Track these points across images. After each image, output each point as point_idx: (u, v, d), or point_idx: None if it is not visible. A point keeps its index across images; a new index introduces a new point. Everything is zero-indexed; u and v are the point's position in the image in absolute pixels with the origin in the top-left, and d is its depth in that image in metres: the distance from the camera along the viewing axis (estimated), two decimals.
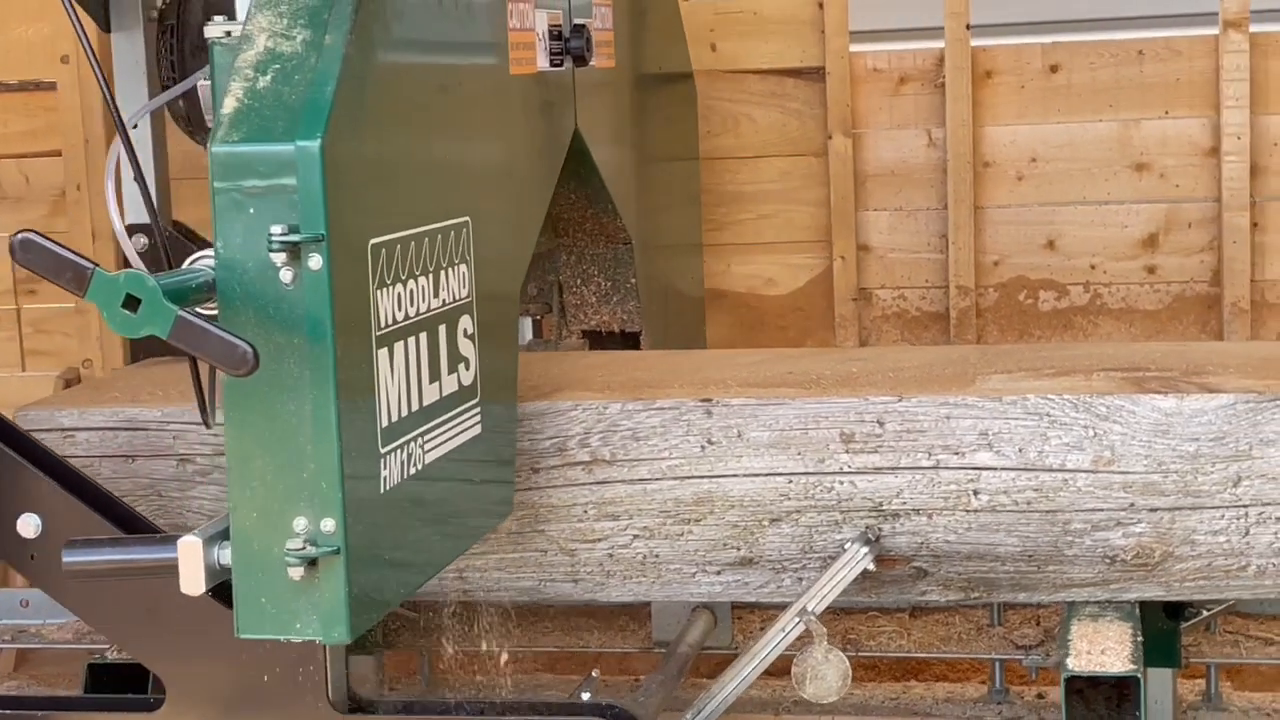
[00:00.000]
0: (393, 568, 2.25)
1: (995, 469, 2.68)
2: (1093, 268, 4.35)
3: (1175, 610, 3.07)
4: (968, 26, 4.26)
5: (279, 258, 2.01)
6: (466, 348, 2.41)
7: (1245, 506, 2.62)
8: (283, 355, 2.04)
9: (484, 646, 3.44)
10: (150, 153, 3.64)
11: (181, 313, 1.93)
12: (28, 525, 2.52)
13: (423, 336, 2.27)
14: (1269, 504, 2.61)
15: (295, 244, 2.01)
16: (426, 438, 2.30)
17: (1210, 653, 3.23)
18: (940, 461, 2.69)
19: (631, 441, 2.76)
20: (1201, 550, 2.65)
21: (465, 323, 2.40)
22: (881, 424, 2.71)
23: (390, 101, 2.23)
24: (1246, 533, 2.63)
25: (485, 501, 2.58)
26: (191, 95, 3.41)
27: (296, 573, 2.07)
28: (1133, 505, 2.65)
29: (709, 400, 2.76)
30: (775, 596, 2.82)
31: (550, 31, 2.85)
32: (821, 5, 4.34)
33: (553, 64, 2.86)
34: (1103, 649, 2.60)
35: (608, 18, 3.26)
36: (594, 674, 2.77)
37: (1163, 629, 3.06)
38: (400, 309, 2.21)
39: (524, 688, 3.55)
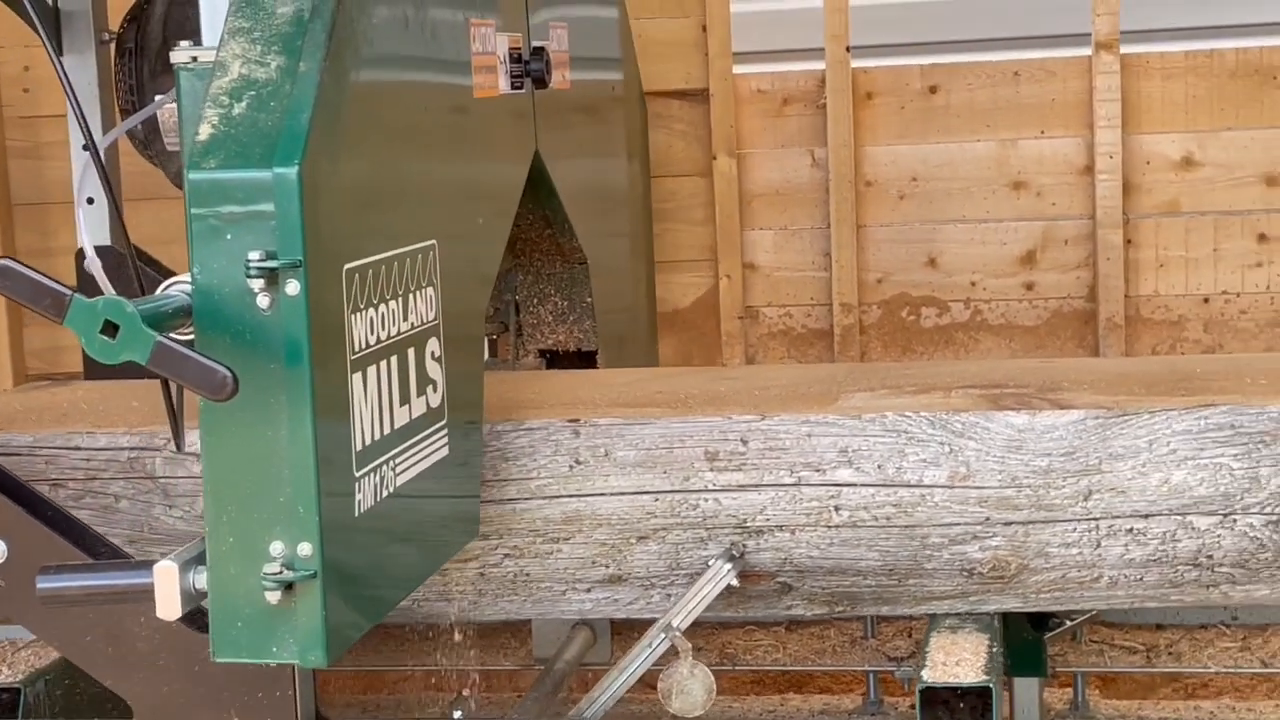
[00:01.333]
0: (367, 590, 2.26)
1: (855, 485, 2.74)
2: (973, 284, 4.43)
3: (1040, 621, 3.13)
4: (848, 49, 4.33)
5: (256, 283, 2.02)
6: (434, 370, 2.43)
7: (1096, 519, 2.69)
8: (259, 380, 2.05)
9: (372, 666, 3.47)
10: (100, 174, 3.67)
11: (160, 338, 1.93)
12: None
13: (393, 360, 2.29)
14: (1118, 517, 2.68)
15: (273, 270, 2.02)
16: (398, 460, 2.31)
17: (1076, 662, 3.30)
18: (802, 479, 2.75)
19: (501, 462, 2.80)
20: (1055, 562, 2.72)
21: (433, 345, 2.42)
22: (745, 442, 2.76)
23: (363, 126, 2.25)
24: (1098, 545, 2.70)
25: (455, 521, 2.61)
26: (150, 119, 3.43)
27: (273, 597, 2.08)
28: (988, 519, 2.71)
29: (576, 420, 2.80)
30: (645, 613, 2.86)
31: (510, 54, 2.88)
32: (705, 28, 4.41)
33: (513, 86, 2.89)
34: (958, 660, 2.65)
35: (564, 40, 3.30)
36: (464, 693, 2.80)
37: (1028, 639, 3.13)
38: (372, 333, 2.22)
39: (407, 706, 3.59)
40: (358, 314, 2.18)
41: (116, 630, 2.50)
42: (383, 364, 2.25)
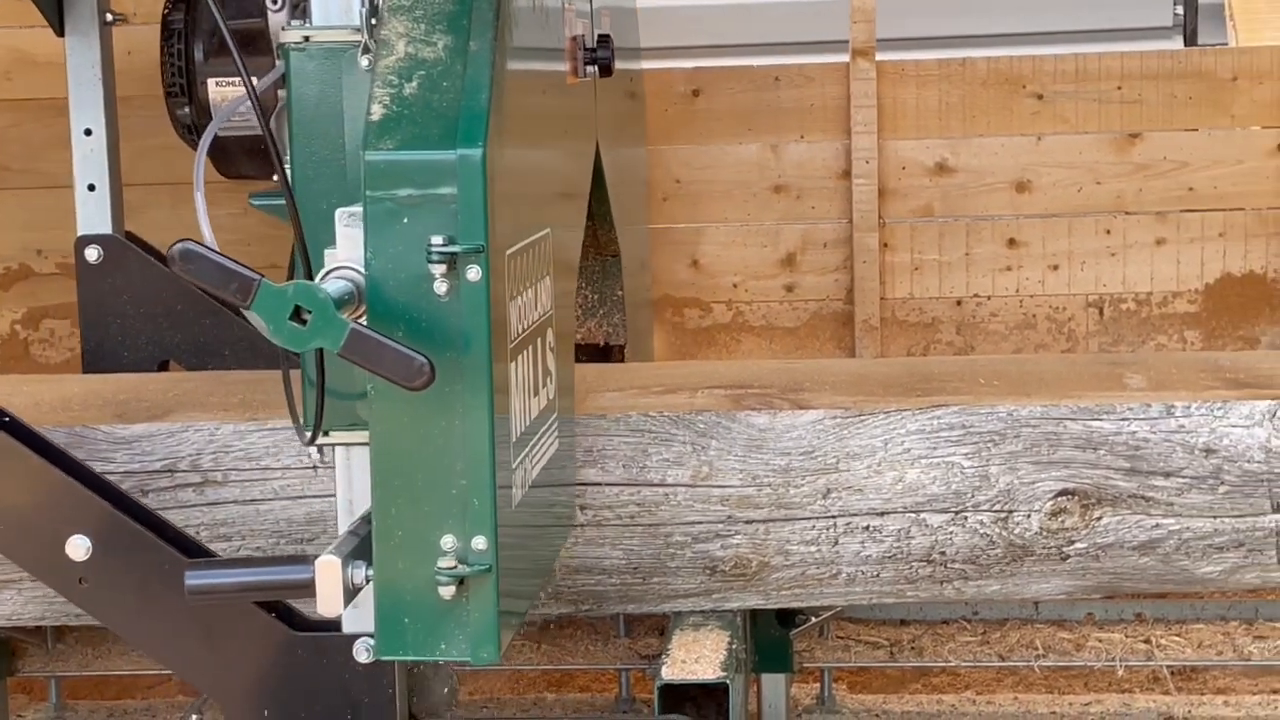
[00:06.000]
0: (521, 583, 2.21)
1: (600, 485, 2.76)
2: (735, 286, 4.49)
3: (787, 618, 3.19)
4: None
5: (437, 269, 1.95)
6: (550, 361, 2.37)
7: (834, 517, 2.74)
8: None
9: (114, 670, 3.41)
10: (105, 161, 3.57)
11: (354, 325, 1.86)
12: (77, 548, 2.38)
13: (529, 350, 2.22)
14: (855, 515, 2.74)
15: (453, 255, 1.95)
16: (534, 452, 2.26)
17: (823, 657, 3.37)
18: None
19: (244, 462, 2.77)
20: (795, 560, 2.77)
21: (550, 336, 2.36)
22: None
23: (518, 109, 2.19)
24: (836, 542, 2.75)
25: (566, 510, 2.59)
26: (200, 103, 3.32)
27: (447, 592, 2.01)
28: (730, 518, 2.75)
29: None
30: None
31: (581, 41, 2.85)
32: None
33: (583, 74, 2.85)
34: (697, 658, 2.69)
35: (609, 28, 3.26)
36: (203, 698, 2.76)
37: (775, 636, 3.18)
38: (520, 321, 2.16)
39: (154, 710, 3.54)
40: (513, 302, 2.11)
41: (204, 630, 2.39)
42: (525, 353, 2.19)
